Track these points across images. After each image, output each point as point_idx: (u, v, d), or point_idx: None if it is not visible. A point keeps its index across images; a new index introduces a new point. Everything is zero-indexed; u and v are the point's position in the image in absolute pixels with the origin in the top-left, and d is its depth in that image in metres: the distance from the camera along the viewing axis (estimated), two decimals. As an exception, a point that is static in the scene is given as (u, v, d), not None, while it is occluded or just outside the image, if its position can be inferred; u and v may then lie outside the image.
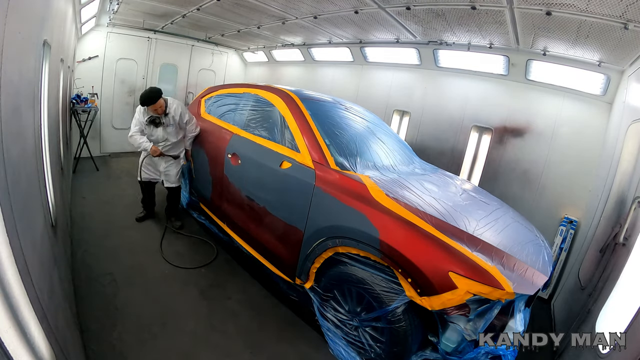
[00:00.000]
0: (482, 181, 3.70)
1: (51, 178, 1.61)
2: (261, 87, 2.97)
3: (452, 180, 2.71)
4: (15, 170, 0.89)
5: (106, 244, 2.89)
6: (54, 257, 1.43)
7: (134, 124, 3.11)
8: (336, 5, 3.17)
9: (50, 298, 1.13)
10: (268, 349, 2.05)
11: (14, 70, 0.90)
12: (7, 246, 0.70)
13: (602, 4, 1.99)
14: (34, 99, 1.25)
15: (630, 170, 2.10)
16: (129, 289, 2.36)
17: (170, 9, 4.17)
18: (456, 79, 3.94)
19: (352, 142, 2.46)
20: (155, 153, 3.14)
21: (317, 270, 2.12)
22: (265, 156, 2.50)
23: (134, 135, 3.10)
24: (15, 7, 0.87)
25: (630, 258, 1.68)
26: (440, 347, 1.66)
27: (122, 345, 1.88)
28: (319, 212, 2.07)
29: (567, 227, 3.16)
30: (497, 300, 1.55)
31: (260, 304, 2.44)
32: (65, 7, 2.38)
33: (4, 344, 0.66)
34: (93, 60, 5.06)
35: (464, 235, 1.73)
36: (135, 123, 3.11)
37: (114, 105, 5.50)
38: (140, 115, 3.12)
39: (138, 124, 3.11)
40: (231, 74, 7.00)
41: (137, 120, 3.11)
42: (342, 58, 4.95)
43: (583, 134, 3.12)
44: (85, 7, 3.57)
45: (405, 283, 1.69)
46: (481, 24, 2.82)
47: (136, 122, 3.11)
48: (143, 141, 3.09)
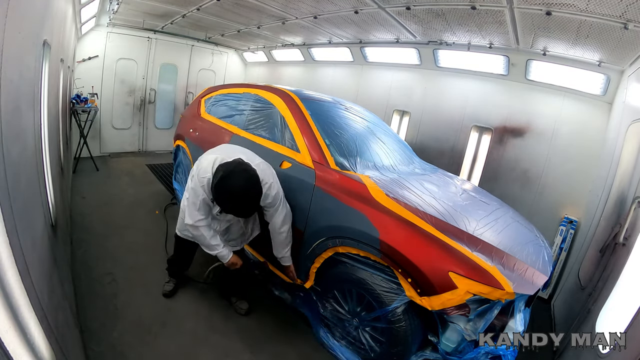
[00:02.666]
0: (482, 181, 3.70)
1: (51, 178, 1.61)
2: (261, 87, 2.97)
3: (452, 180, 2.71)
4: (15, 170, 0.89)
5: (106, 244, 2.89)
6: (54, 257, 1.43)
7: (194, 204, 1.83)
8: (336, 5, 3.17)
9: (50, 298, 1.13)
10: (268, 349, 2.05)
11: (14, 70, 0.90)
12: (7, 246, 0.70)
13: (602, 4, 1.99)
14: (34, 99, 1.25)
15: (630, 170, 2.10)
16: (129, 289, 2.36)
17: (170, 9, 4.16)
18: (456, 79, 3.94)
19: (352, 142, 2.46)
20: (234, 266, 2.05)
21: (317, 270, 2.12)
22: (265, 156, 2.49)
23: (201, 227, 1.86)
24: (15, 7, 0.87)
25: (630, 258, 1.68)
26: (440, 347, 1.66)
27: (122, 345, 1.88)
28: (319, 212, 2.07)
29: (567, 227, 3.16)
30: (497, 300, 1.55)
31: (260, 304, 2.44)
32: (65, 7, 2.38)
33: (4, 344, 0.66)
34: (93, 60, 5.06)
35: (464, 235, 1.73)
36: (194, 202, 1.83)
37: (114, 105, 5.50)
38: (205, 193, 1.82)
39: (202, 205, 1.84)
40: (231, 74, 7.00)
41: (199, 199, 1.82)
42: (342, 58, 4.95)
43: (583, 134, 3.12)
44: (85, 7, 3.57)
45: (405, 283, 1.69)
46: (481, 24, 2.82)
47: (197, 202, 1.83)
48: (217, 244, 1.92)
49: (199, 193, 1.82)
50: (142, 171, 5.13)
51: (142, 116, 5.92)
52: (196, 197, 1.83)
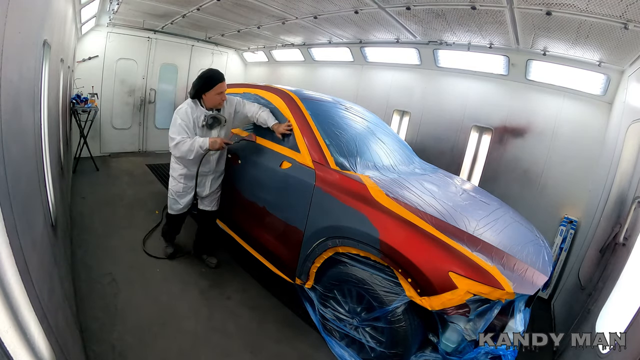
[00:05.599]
0: (482, 181, 3.70)
1: (51, 178, 1.61)
2: (261, 87, 2.98)
3: (452, 180, 2.71)
4: (15, 170, 0.89)
5: (106, 244, 2.89)
6: (54, 257, 1.43)
7: (178, 129, 2.26)
8: (336, 5, 3.17)
9: (50, 298, 1.13)
10: (268, 349, 2.05)
11: (14, 70, 0.90)
12: (7, 246, 0.70)
13: (602, 4, 1.99)
14: (34, 99, 1.25)
15: (630, 170, 2.10)
16: (129, 289, 2.36)
17: (170, 9, 4.16)
18: (456, 79, 3.94)
19: (352, 142, 2.46)
20: (216, 145, 2.26)
21: (317, 270, 2.12)
22: (265, 156, 2.50)
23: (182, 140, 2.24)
24: (15, 7, 0.87)
25: (630, 258, 1.68)
26: (440, 347, 1.66)
27: (122, 345, 1.88)
28: (319, 212, 2.07)
29: (567, 227, 3.16)
30: (497, 300, 1.55)
31: (260, 304, 2.44)
32: (65, 7, 2.38)
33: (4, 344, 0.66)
34: (93, 60, 5.06)
35: (464, 235, 1.74)
36: (178, 130, 2.26)
37: (114, 105, 5.50)
38: (188, 117, 2.28)
39: (184, 130, 2.27)
40: (231, 74, 7.00)
41: (181, 126, 2.26)
42: (342, 58, 4.95)
43: (583, 134, 3.12)
44: (85, 7, 3.57)
45: (405, 283, 1.69)
46: (481, 24, 2.82)
47: (180, 128, 2.26)
48: (195, 140, 2.24)
49: (178, 121, 2.27)
50: (142, 171, 5.13)
51: (142, 116, 5.93)
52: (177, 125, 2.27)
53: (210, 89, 2.29)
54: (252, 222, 2.59)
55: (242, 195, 2.66)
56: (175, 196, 2.58)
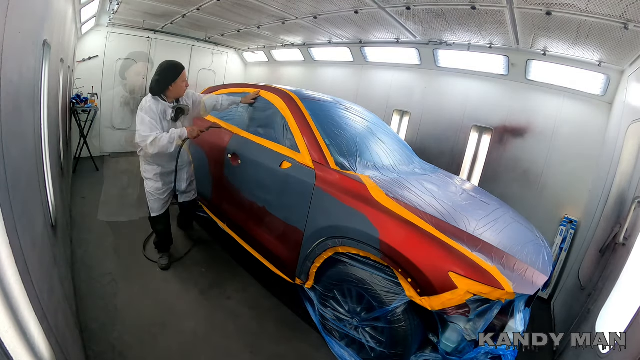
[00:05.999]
0: (482, 181, 3.70)
1: (51, 178, 1.61)
2: (261, 87, 2.97)
3: (452, 180, 2.71)
4: (15, 170, 0.89)
5: (106, 244, 2.89)
6: (54, 257, 1.43)
7: (149, 127, 2.24)
8: (336, 5, 3.17)
9: (50, 298, 1.13)
10: (268, 349, 2.05)
11: (14, 70, 0.90)
12: (7, 246, 0.70)
13: (602, 4, 1.99)
14: (34, 99, 1.25)
15: (630, 170, 2.10)
16: (129, 289, 2.36)
17: (170, 9, 4.16)
18: (456, 79, 3.94)
19: (352, 142, 2.46)
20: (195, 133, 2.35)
21: (317, 270, 2.12)
22: (265, 156, 2.50)
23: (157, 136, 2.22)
24: (15, 7, 0.87)
25: (630, 258, 1.68)
26: (440, 347, 1.66)
27: (122, 345, 1.88)
28: (319, 212, 2.07)
29: (567, 227, 3.16)
30: (497, 300, 1.55)
31: (260, 304, 2.44)
32: (65, 7, 2.38)
33: (4, 344, 0.66)
34: (93, 60, 5.06)
35: (464, 235, 1.74)
36: (149, 125, 2.24)
37: (114, 105, 5.50)
38: (154, 113, 2.30)
39: (155, 126, 2.27)
40: (231, 74, 7.00)
41: (152, 122, 2.26)
42: (342, 58, 4.94)
43: (583, 134, 3.12)
44: (85, 7, 3.57)
45: (405, 283, 1.69)
46: (481, 24, 2.82)
47: (151, 125, 2.25)
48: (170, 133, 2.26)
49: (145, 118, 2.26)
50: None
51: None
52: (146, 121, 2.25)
53: (177, 77, 2.36)
54: (252, 222, 2.59)
55: (242, 195, 2.66)
56: (157, 194, 2.61)
